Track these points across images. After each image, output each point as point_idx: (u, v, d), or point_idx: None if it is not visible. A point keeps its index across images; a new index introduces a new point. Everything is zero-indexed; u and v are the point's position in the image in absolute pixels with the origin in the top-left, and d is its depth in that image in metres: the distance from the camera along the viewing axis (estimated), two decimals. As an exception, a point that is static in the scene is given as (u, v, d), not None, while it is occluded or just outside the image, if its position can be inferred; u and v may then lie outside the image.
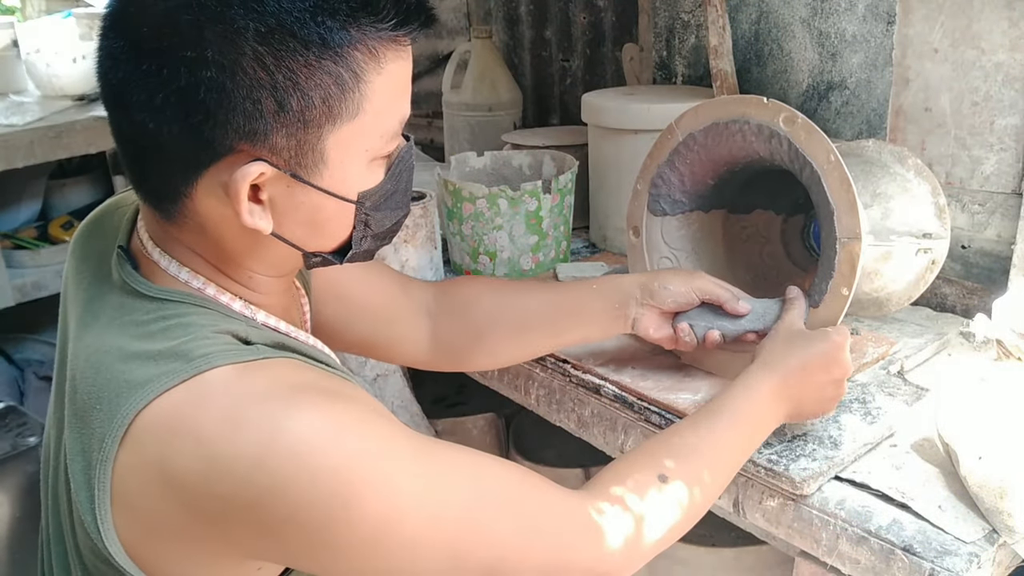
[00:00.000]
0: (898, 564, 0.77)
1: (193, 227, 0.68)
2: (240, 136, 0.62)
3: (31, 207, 2.31)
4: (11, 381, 2.22)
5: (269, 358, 0.65)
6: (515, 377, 1.18)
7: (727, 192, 1.11)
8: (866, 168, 1.08)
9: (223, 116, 0.61)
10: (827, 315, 0.92)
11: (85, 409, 0.64)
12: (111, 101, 0.65)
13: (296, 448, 0.59)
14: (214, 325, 0.66)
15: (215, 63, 0.60)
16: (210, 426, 0.60)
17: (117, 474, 0.61)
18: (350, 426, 0.62)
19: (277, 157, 0.64)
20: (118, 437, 0.61)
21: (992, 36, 1.10)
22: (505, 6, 2.06)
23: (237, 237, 0.69)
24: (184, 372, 0.62)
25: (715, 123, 1.00)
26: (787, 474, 0.85)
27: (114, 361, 0.64)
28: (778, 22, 1.35)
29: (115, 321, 0.68)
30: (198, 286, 0.70)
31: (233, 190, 0.64)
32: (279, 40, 0.60)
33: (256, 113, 0.62)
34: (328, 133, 0.65)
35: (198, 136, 0.62)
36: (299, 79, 0.62)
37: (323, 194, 0.68)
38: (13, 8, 3.00)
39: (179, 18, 0.59)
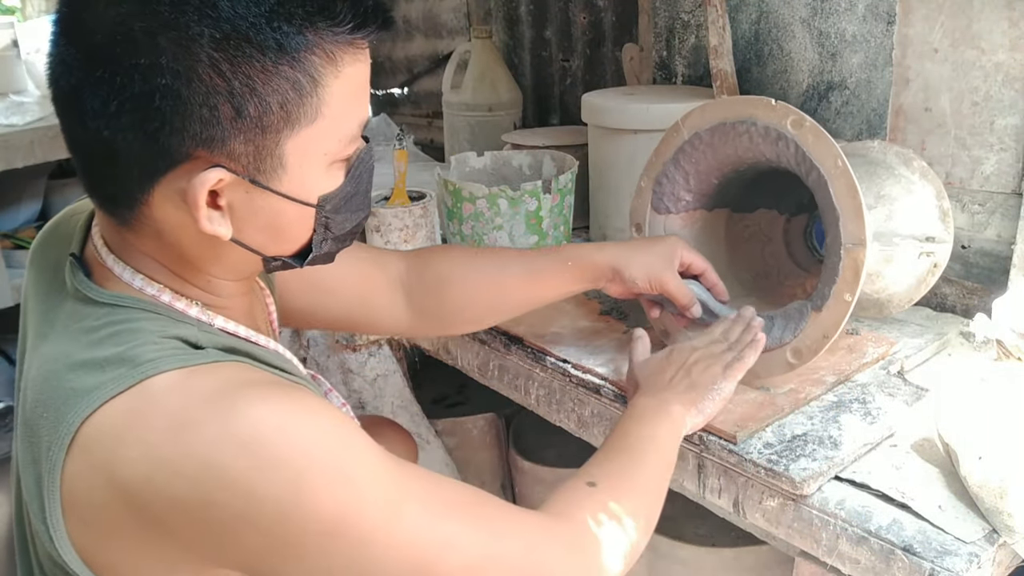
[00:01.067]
0: (898, 564, 0.77)
1: (150, 233, 0.68)
2: (197, 143, 0.62)
3: (31, 207, 2.30)
4: (11, 381, 2.22)
5: (218, 362, 0.65)
6: (515, 377, 1.18)
7: (731, 191, 1.11)
8: (871, 169, 1.08)
9: (179, 123, 0.61)
10: (830, 320, 0.92)
11: (33, 419, 0.63)
12: (63, 108, 0.64)
13: (245, 442, 0.58)
14: (162, 331, 0.66)
15: (170, 70, 0.59)
16: (157, 430, 0.59)
17: (66, 483, 0.61)
18: (300, 416, 0.61)
19: (235, 163, 0.64)
20: (64, 445, 0.60)
21: (992, 36, 1.10)
22: (505, 6, 2.06)
23: (195, 243, 0.68)
24: (130, 378, 0.61)
25: (722, 123, 1.00)
26: (787, 474, 0.85)
27: (61, 369, 0.63)
28: (778, 22, 1.35)
29: (67, 329, 0.67)
30: (152, 292, 0.69)
31: (191, 197, 0.63)
32: (235, 46, 0.60)
33: (213, 120, 0.61)
34: (286, 138, 0.65)
35: (154, 143, 0.61)
36: (256, 85, 0.61)
37: (282, 199, 0.67)
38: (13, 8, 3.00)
39: (132, 25, 0.59)
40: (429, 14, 2.41)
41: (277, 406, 0.60)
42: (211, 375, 0.63)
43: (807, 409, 0.97)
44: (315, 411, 0.62)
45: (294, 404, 0.61)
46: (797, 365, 0.95)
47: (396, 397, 1.57)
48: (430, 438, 1.60)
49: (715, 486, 0.93)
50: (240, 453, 0.58)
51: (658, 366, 0.95)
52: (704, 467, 0.94)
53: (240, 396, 0.60)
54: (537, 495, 1.62)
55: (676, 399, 0.89)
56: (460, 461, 1.65)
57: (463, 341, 1.27)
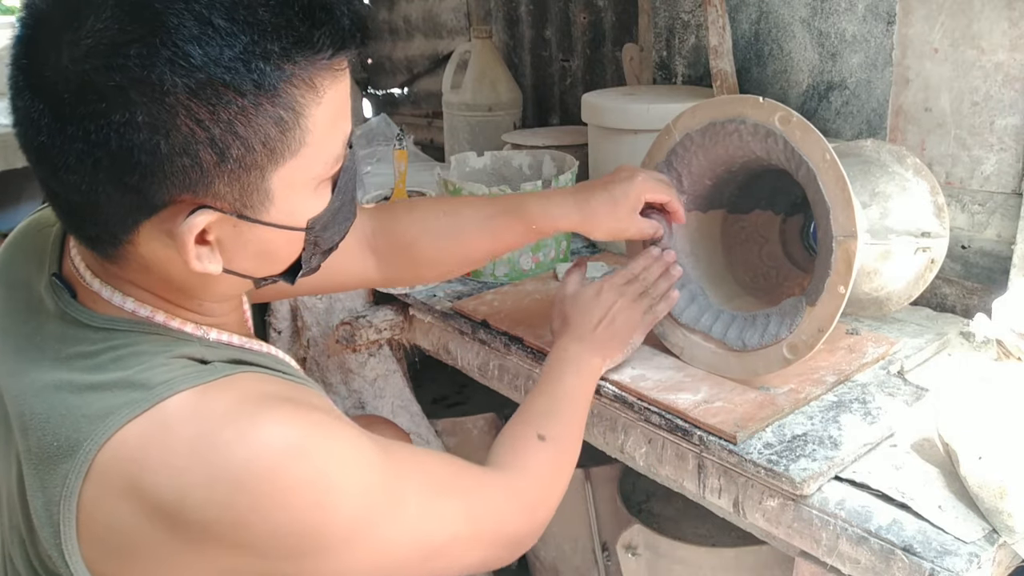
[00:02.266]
0: (898, 564, 0.77)
1: (137, 267, 0.67)
2: (180, 189, 0.60)
3: (31, 207, 2.30)
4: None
5: (229, 375, 0.65)
6: (515, 377, 1.18)
7: (726, 192, 1.11)
8: (865, 167, 1.08)
9: (160, 175, 0.59)
10: (824, 313, 0.92)
11: (41, 447, 0.63)
12: (35, 161, 0.61)
13: (271, 465, 0.60)
14: (168, 351, 0.65)
15: (146, 125, 0.57)
16: (181, 454, 0.59)
17: (83, 508, 0.61)
18: (319, 435, 0.63)
19: (221, 202, 0.62)
20: (82, 473, 0.60)
21: (992, 36, 1.10)
22: (505, 6, 2.06)
23: (185, 276, 0.67)
24: (145, 401, 0.61)
25: (712, 123, 1.00)
26: (787, 474, 0.85)
27: (67, 396, 0.63)
28: (778, 22, 1.35)
29: (60, 354, 0.66)
30: (145, 314, 0.68)
31: (179, 240, 0.62)
32: (212, 93, 0.57)
33: (195, 167, 0.59)
34: (271, 172, 0.63)
35: (135, 193, 0.60)
36: (236, 128, 0.59)
37: (272, 228, 0.66)
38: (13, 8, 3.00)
39: (101, 81, 0.56)
40: (429, 14, 2.41)
41: (295, 426, 0.62)
42: (226, 391, 0.63)
43: (807, 409, 0.97)
44: (328, 426, 0.65)
45: (308, 423, 0.64)
46: (793, 360, 0.95)
47: (396, 397, 1.57)
48: (430, 438, 1.60)
49: (715, 486, 0.93)
50: (266, 474, 0.60)
51: (586, 306, 1.02)
52: (704, 467, 0.94)
53: (258, 415, 0.62)
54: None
55: (599, 350, 1.00)
56: (460, 461, 1.65)
57: (463, 341, 1.27)
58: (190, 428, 0.60)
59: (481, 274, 1.38)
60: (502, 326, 1.20)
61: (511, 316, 1.22)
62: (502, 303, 1.27)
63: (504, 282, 1.37)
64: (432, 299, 1.34)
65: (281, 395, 0.65)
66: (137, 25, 0.55)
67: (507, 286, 1.34)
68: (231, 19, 0.57)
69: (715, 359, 1.04)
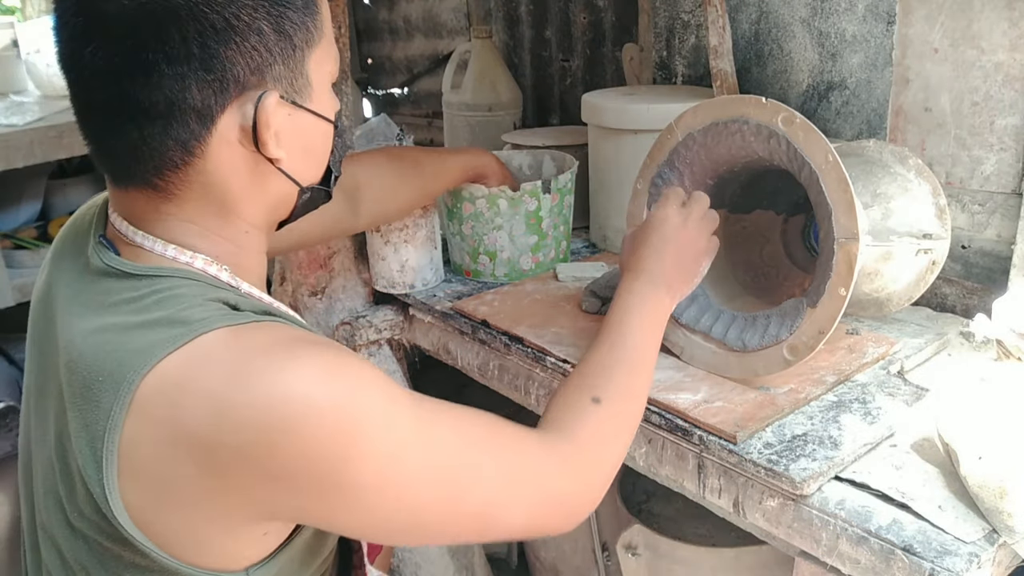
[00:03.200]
0: (898, 564, 0.77)
1: (193, 192, 0.70)
2: (250, 70, 0.67)
3: (31, 207, 2.30)
4: (11, 381, 2.22)
5: (259, 322, 0.68)
6: (515, 377, 1.18)
7: (727, 192, 1.11)
8: (867, 168, 1.08)
9: (237, 53, 0.66)
10: (825, 315, 0.92)
11: (87, 385, 0.65)
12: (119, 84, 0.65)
13: (304, 391, 0.61)
14: (204, 294, 0.68)
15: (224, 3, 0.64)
16: (217, 380, 0.61)
17: (124, 443, 0.62)
18: (350, 370, 0.65)
19: (279, 86, 0.70)
20: (125, 404, 0.62)
21: (992, 36, 1.10)
22: (505, 6, 2.06)
23: (244, 184, 0.72)
24: (185, 335, 0.63)
25: (714, 123, 1.00)
26: (787, 474, 0.85)
27: (112, 335, 0.66)
28: (778, 22, 1.35)
29: (105, 304, 0.69)
30: (185, 260, 0.71)
31: (262, 120, 0.68)
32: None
33: (261, 43, 0.67)
34: (308, 55, 0.72)
35: (215, 80, 0.66)
36: (285, 4, 0.68)
37: (314, 117, 0.74)
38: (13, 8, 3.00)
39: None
40: (429, 14, 2.41)
41: (327, 360, 0.64)
42: (259, 332, 0.66)
43: (807, 409, 0.97)
44: (359, 365, 0.66)
45: (340, 359, 0.65)
46: (794, 362, 0.95)
47: (396, 397, 1.57)
48: (430, 438, 1.60)
49: (715, 486, 0.93)
50: (298, 401, 0.61)
51: (652, 235, 0.98)
52: (704, 467, 0.94)
53: (293, 349, 0.64)
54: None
55: (668, 285, 0.95)
56: (460, 461, 1.65)
57: (463, 341, 1.27)
58: (227, 357, 0.63)
59: (481, 274, 1.38)
60: (502, 326, 1.20)
61: (511, 316, 1.22)
62: (502, 303, 1.27)
63: (504, 282, 1.37)
64: (432, 299, 1.34)
65: (315, 339, 0.67)
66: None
67: (507, 286, 1.34)
68: None
69: (715, 359, 1.04)
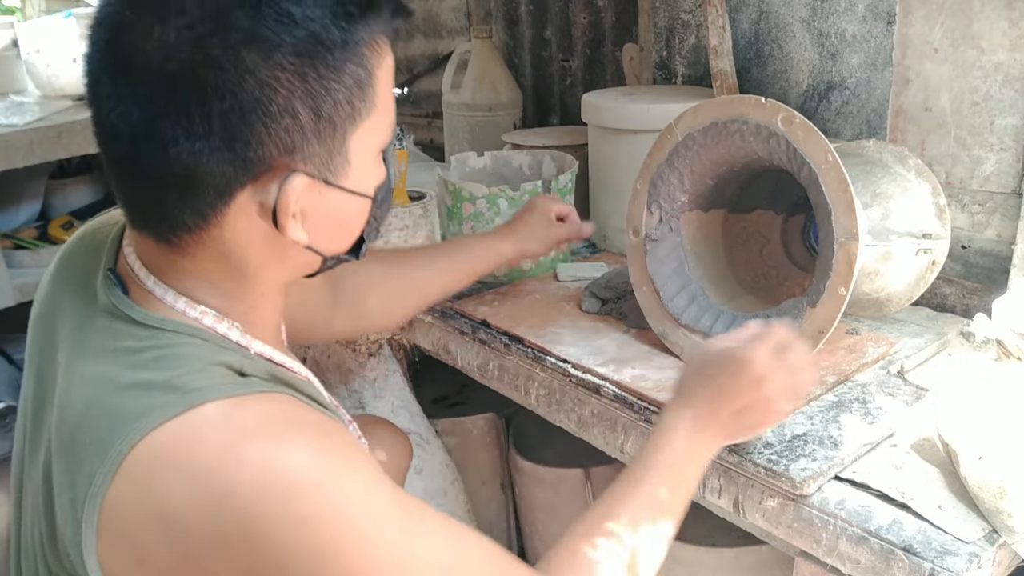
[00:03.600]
0: (898, 564, 0.77)
1: (210, 254, 0.68)
2: (279, 151, 0.63)
3: (31, 207, 2.30)
4: (11, 381, 2.22)
5: (264, 392, 0.65)
6: (515, 377, 1.18)
7: (727, 191, 1.11)
8: (866, 168, 1.08)
9: (265, 134, 0.62)
10: (825, 315, 0.92)
11: (74, 442, 0.63)
12: (133, 145, 0.62)
13: (289, 492, 0.59)
14: (208, 357, 0.66)
15: (256, 82, 0.60)
16: (204, 462, 0.59)
17: (106, 508, 0.60)
18: (342, 473, 0.62)
19: (311, 165, 0.65)
20: (110, 473, 0.60)
21: (992, 36, 1.10)
22: (505, 6, 2.06)
23: (261, 254, 0.69)
24: (179, 405, 0.61)
25: (714, 123, 1.00)
26: (787, 474, 0.85)
27: (106, 393, 0.63)
28: (778, 22, 1.35)
29: (105, 348, 0.67)
30: (195, 316, 0.69)
31: (282, 205, 0.65)
32: (309, 49, 0.61)
33: (295, 125, 0.63)
34: (351, 133, 0.67)
35: (236, 159, 0.62)
36: (329, 84, 0.63)
37: (348, 195, 0.69)
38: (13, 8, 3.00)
39: (213, 47, 0.59)
40: (429, 14, 2.41)
41: (320, 458, 0.61)
42: (257, 407, 0.63)
43: (807, 409, 0.97)
44: (353, 466, 0.63)
45: (333, 457, 0.62)
46: (796, 364, 0.95)
47: (396, 397, 1.57)
48: (430, 438, 1.60)
49: (715, 486, 0.93)
50: (282, 501, 0.59)
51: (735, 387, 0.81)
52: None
53: (285, 439, 0.61)
54: (537, 495, 1.62)
55: (729, 440, 0.83)
56: (460, 461, 1.65)
57: (463, 341, 1.27)
58: (217, 438, 0.60)
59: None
60: (502, 326, 1.20)
61: (511, 316, 1.22)
62: (502, 303, 1.27)
63: (504, 282, 1.37)
64: (432, 299, 1.34)
65: (312, 423, 0.65)
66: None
67: (507, 286, 1.34)
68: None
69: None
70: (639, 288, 1.11)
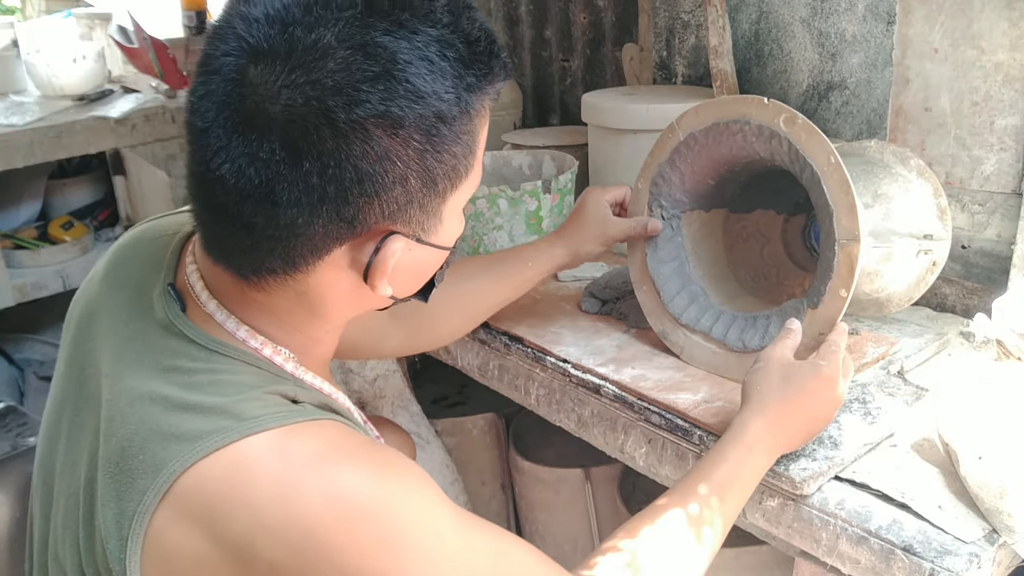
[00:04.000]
0: (898, 564, 0.77)
1: (287, 294, 0.68)
2: (383, 217, 0.64)
3: (31, 207, 2.30)
4: (11, 381, 2.22)
5: (317, 419, 0.65)
6: (515, 377, 1.18)
7: (728, 191, 1.11)
8: (868, 168, 1.08)
9: (376, 204, 0.63)
10: (825, 316, 0.92)
11: (124, 457, 0.63)
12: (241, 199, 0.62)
13: (347, 516, 0.60)
14: (264, 386, 0.66)
15: (379, 157, 0.60)
16: (262, 492, 0.60)
17: (154, 528, 0.61)
18: (400, 494, 0.63)
19: (408, 227, 0.66)
20: (160, 492, 0.60)
21: (992, 36, 1.10)
22: (505, 6, 2.06)
23: (341, 299, 0.70)
24: (235, 432, 0.61)
25: (716, 123, 1.00)
26: (787, 474, 0.85)
27: (159, 412, 0.64)
28: (778, 22, 1.35)
29: (158, 364, 0.67)
30: (255, 346, 0.69)
31: (378, 268, 0.66)
32: (431, 123, 0.62)
33: (404, 194, 0.63)
34: (450, 196, 0.67)
35: (345, 223, 0.63)
36: (444, 155, 0.64)
37: (435, 249, 0.70)
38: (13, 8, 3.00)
39: (341, 117, 0.59)
40: (429, 14, 2.41)
41: (376, 481, 0.62)
42: (312, 435, 0.64)
43: (807, 409, 0.97)
44: (409, 488, 0.64)
45: (389, 480, 0.63)
46: (796, 364, 0.95)
47: (396, 397, 1.57)
48: (430, 438, 1.60)
49: (715, 486, 0.93)
50: (340, 526, 0.60)
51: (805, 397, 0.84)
52: (704, 467, 0.94)
53: (342, 465, 0.62)
54: (537, 495, 1.62)
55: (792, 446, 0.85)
56: (460, 461, 1.65)
57: (463, 341, 1.27)
58: (274, 468, 0.61)
59: (481, 274, 1.38)
60: (502, 326, 1.20)
61: (511, 316, 1.22)
62: (502, 303, 1.27)
63: (504, 282, 1.36)
64: (432, 299, 1.33)
65: (365, 449, 0.65)
66: (373, 63, 0.59)
67: (507, 286, 1.34)
68: (442, 55, 0.62)
69: (715, 359, 1.04)
70: (639, 288, 1.11)
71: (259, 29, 0.60)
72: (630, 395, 1.02)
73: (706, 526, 0.78)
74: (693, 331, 1.06)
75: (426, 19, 0.61)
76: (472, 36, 0.64)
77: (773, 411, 0.84)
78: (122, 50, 2.46)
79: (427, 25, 0.61)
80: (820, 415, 0.85)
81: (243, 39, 0.60)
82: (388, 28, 0.60)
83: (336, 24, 0.59)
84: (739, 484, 0.82)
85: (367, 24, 0.59)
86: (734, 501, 0.81)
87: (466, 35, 0.63)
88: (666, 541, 0.77)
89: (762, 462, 0.84)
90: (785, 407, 0.84)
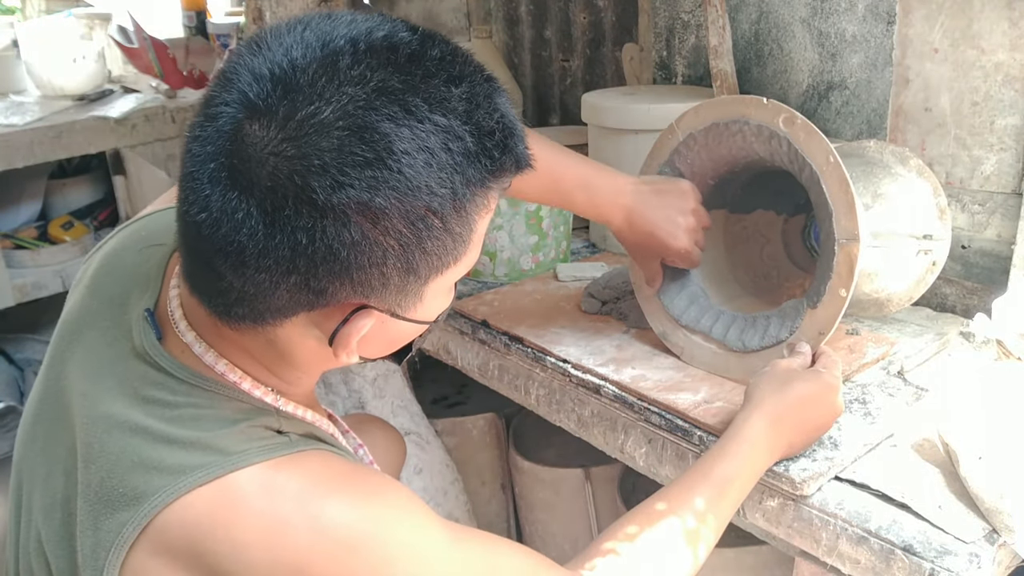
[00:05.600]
0: (898, 564, 0.77)
1: (258, 340, 0.66)
2: (354, 294, 0.61)
3: (31, 207, 2.30)
4: (11, 381, 2.22)
5: (302, 450, 0.65)
6: (515, 377, 1.18)
7: (728, 191, 1.11)
8: (867, 168, 1.08)
9: (347, 283, 0.60)
10: (825, 316, 0.92)
11: (104, 488, 0.63)
12: (222, 254, 0.60)
13: (336, 551, 0.60)
14: (248, 419, 0.66)
15: (355, 242, 0.58)
16: (248, 530, 0.59)
17: (132, 561, 0.60)
18: (389, 519, 0.63)
19: (381, 303, 0.63)
20: (140, 526, 0.60)
21: (992, 36, 1.10)
22: (505, 6, 2.06)
23: (311, 355, 0.68)
24: (219, 467, 0.61)
25: (715, 123, 1.00)
26: (787, 474, 0.85)
27: (141, 444, 0.63)
28: (778, 22, 1.35)
29: (136, 393, 0.66)
30: (234, 380, 0.68)
31: (341, 340, 0.63)
32: (419, 216, 0.59)
33: (379, 278, 0.60)
34: (433, 279, 0.64)
35: (313, 294, 0.61)
36: (427, 246, 0.60)
37: (411, 323, 0.67)
38: (13, 8, 3.00)
39: (322, 198, 0.56)
40: (429, 14, 2.41)
41: (363, 511, 0.62)
42: (298, 468, 0.63)
43: (807, 409, 0.97)
44: (396, 514, 0.64)
45: (376, 508, 0.63)
46: (796, 364, 0.95)
47: (396, 397, 1.57)
48: (430, 438, 1.60)
49: (715, 486, 0.93)
50: (331, 562, 0.60)
51: (806, 400, 0.86)
52: (704, 467, 0.94)
53: (328, 499, 0.61)
54: (537, 495, 1.62)
55: (792, 449, 0.86)
56: (460, 461, 1.65)
57: (463, 341, 1.27)
58: (260, 504, 0.60)
59: (481, 274, 1.38)
60: (502, 326, 1.20)
61: (511, 316, 1.22)
62: (502, 303, 1.27)
63: (504, 282, 1.37)
64: (432, 299, 1.33)
65: (351, 477, 0.65)
66: (367, 148, 0.56)
67: (507, 286, 1.34)
68: (445, 147, 0.58)
69: (715, 360, 1.04)
70: (639, 288, 1.11)
71: (262, 86, 0.57)
72: (630, 395, 1.02)
73: (706, 519, 0.79)
74: (693, 331, 1.06)
75: (438, 107, 0.58)
76: (486, 128, 0.60)
77: (775, 411, 0.85)
78: (122, 50, 2.46)
79: (438, 113, 0.58)
80: (820, 421, 0.87)
81: (245, 93, 0.58)
82: (393, 113, 0.56)
83: (339, 100, 0.56)
84: (739, 480, 0.82)
85: (371, 106, 0.56)
86: (734, 497, 0.82)
87: (478, 127, 0.60)
88: (664, 536, 0.78)
89: (762, 460, 0.84)
90: (786, 409, 0.85)
